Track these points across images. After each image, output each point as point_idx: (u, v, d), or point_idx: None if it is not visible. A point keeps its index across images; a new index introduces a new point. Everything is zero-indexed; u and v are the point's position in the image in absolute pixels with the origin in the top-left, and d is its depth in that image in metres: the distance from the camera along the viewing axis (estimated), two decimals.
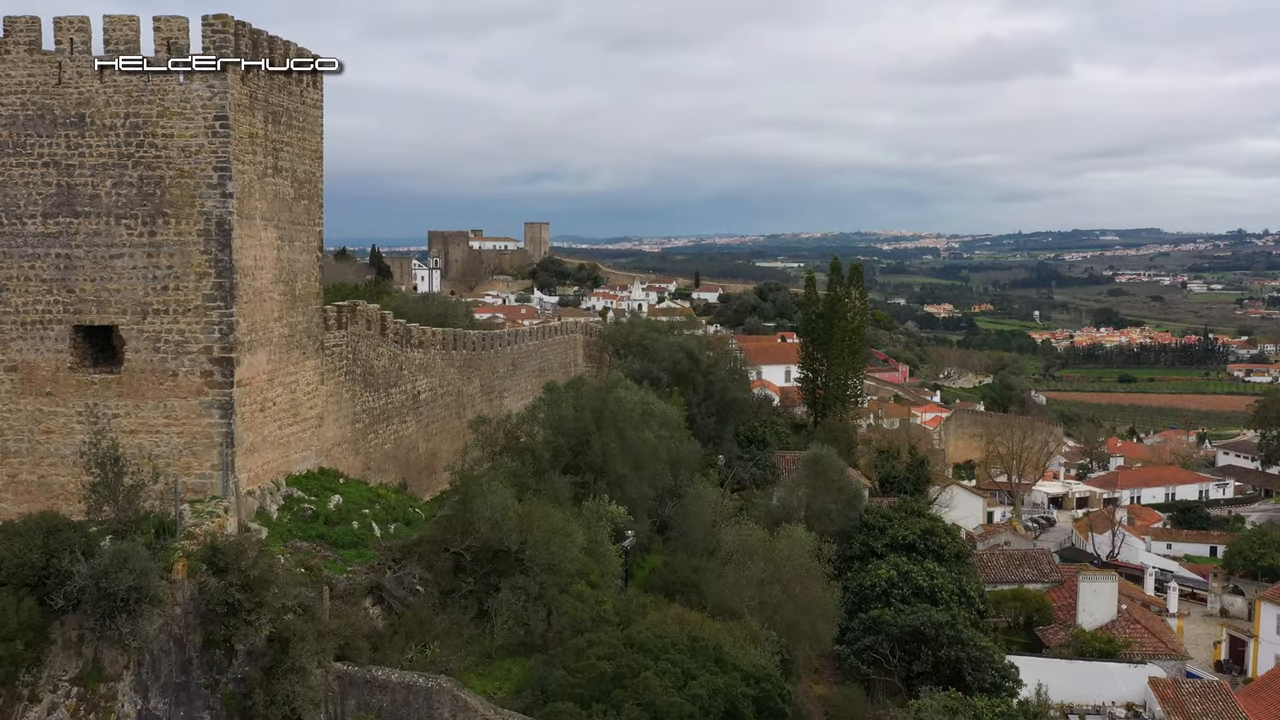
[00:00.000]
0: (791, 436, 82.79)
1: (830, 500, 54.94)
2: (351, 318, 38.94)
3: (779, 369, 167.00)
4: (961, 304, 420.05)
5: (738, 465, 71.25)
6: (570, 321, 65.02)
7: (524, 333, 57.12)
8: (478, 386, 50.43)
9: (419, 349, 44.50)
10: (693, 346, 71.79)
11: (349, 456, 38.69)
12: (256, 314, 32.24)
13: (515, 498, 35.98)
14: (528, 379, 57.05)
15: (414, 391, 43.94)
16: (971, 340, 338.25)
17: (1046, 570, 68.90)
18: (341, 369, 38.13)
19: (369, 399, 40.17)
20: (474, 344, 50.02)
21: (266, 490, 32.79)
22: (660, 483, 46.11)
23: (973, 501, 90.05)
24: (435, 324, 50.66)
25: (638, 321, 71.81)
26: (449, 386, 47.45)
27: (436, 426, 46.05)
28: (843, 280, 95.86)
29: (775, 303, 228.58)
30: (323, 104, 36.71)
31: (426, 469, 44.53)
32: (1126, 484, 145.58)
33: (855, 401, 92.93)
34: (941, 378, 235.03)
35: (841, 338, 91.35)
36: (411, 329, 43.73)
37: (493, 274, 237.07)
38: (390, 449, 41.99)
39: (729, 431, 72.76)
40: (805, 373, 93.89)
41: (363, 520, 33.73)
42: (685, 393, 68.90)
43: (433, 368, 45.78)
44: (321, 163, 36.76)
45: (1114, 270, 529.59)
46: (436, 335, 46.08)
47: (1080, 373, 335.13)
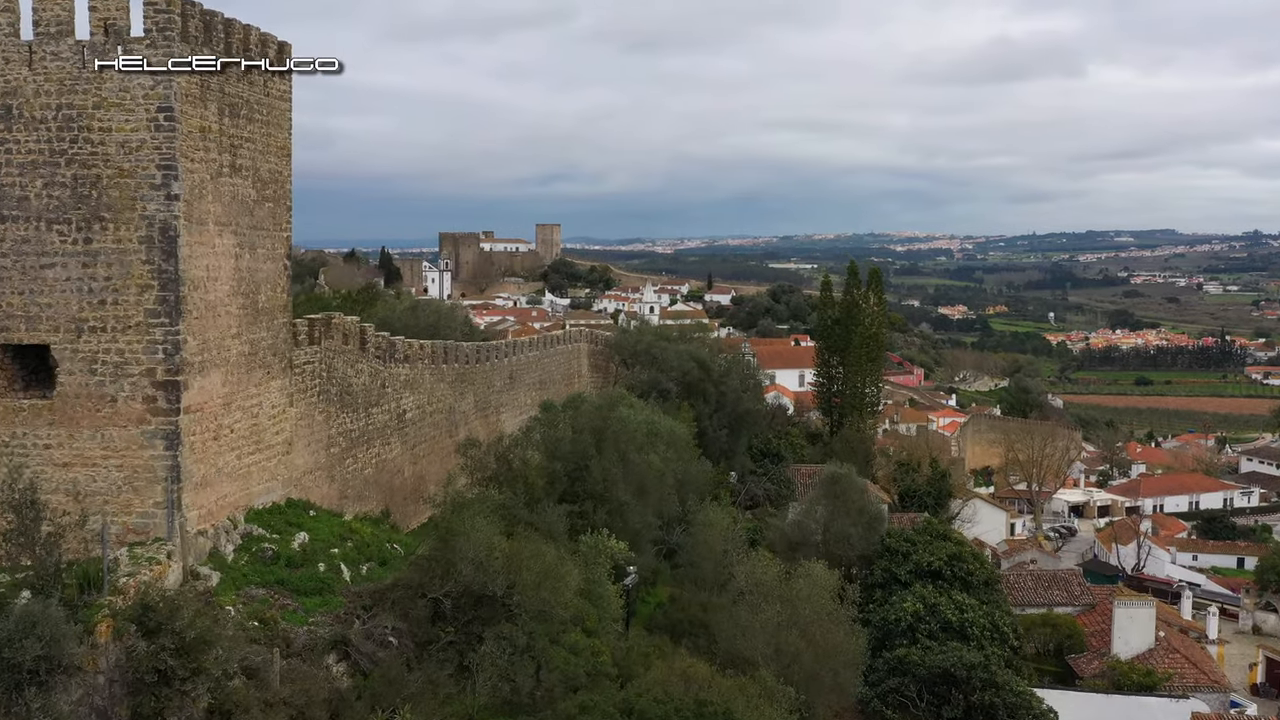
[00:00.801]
0: (807, 448, 78.82)
1: (850, 523, 50.87)
2: (326, 332, 35.08)
3: (792, 373, 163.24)
4: (976, 306, 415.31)
5: (751, 481, 67.35)
6: (574, 330, 61.04)
7: (523, 343, 53.20)
8: (471, 403, 46.56)
9: (404, 364, 40.64)
10: (704, 355, 67.84)
11: (323, 485, 34.86)
12: (209, 330, 28.39)
13: (504, 532, 32.13)
14: (527, 393, 53.17)
15: (399, 410, 40.09)
16: (986, 342, 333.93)
17: (1077, 592, 64.73)
18: (314, 389, 34.30)
19: (346, 420, 36.32)
20: (467, 357, 46.13)
21: (221, 529, 28.94)
22: (667, 508, 42.20)
23: (995, 515, 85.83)
24: (426, 335, 46.79)
25: (645, 329, 67.88)
26: (439, 403, 43.58)
27: (425, 447, 42.20)
28: (860, 284, 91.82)
29: (789, 305, 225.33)
30: (291, 95, 32.86)
31: (413, 494, 40.68)
32: (1149, 492, 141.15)
33: (873, 410, 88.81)
34: (957, 381, 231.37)
35: (859, 344, 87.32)
36: (396, 342, 39.84)
37: (504, 276, 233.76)
38: (371, 474, 38.14)
39: (742, 445, 68.84)
40: (820, 380, 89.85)
41: (330, 561, 29.84)
42: (696, 404, 65.06)
43: (420, 384, 41.92)
44: (289, 161, 32.90)
45: (1129, 271, 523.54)
46: (425, 348, 42.19)
47: (1096, 375, 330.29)
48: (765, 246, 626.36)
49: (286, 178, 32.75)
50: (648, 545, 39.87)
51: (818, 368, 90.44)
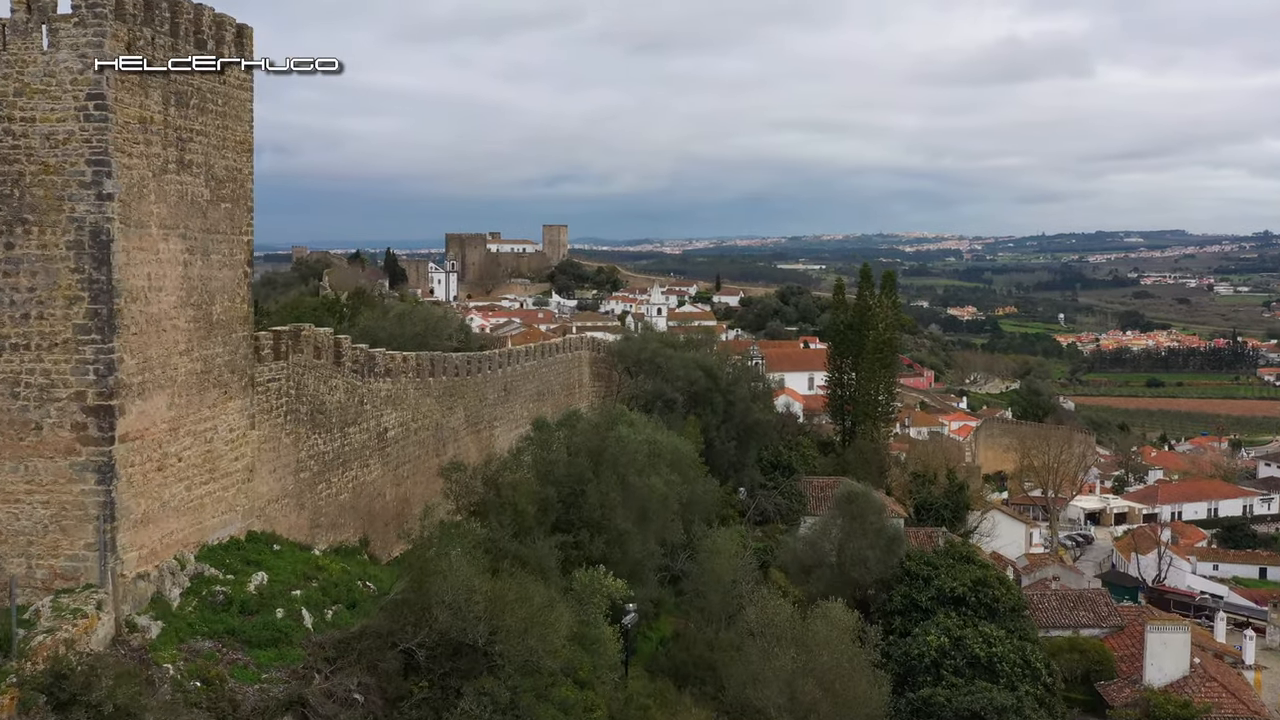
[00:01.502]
0: (818, 458, 75.24)
1: (866, 544, 47.33)
2: (294, 345, 31.61)
3: (801, 376, 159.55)
4: (985, 306, 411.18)
5: (760, 496, 63.84)
6: (575, 337, 57.54)
7: (518, 353, 49.64)
8: (461, 418, 43.06)
9: (386, 378, 37.14)
10: (711, 363, 64.28)
11: (290, 514, 31.42)
12: (151, 347, 24.93)
13: (488, 568, 28.67)
14: (524, 405, 49.66)
15: (379, 429, 36.60)
16: (996, 343, 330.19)
17: (1104, 613, 61.03)
18: (280, 408, 30.85)
19: (318, 442, 32.85)
20: (457, 368, 42.60)
21: (166, 570, 25.48)
22: (671, 535, 38.68)
23: (1014, 528, 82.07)
24: (413, 346, 43.38)
25: (650, 336, 64.35)
26: (425, 420, 40.09)
27: (409, 468, 38.71)
28: (873, 287, 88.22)
29: (798, 306, 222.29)
30: (252, 84, 29.38)
31: (395, 519, 37.20)
32: (1167, 499, 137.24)
33: (886, 417, 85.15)
34: (967, 383, 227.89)
35: (872, 349, 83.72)
36: (376, 355, 36.32)
37: (510, 277, 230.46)
38: (347, 499, 34.67)
39: (751, 457, 65.30)
40: (833, 386, 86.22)
41: (291, 606, 26.35)
42: (703, 415, 61.59)
43: (404, 399, 38.43)
44: (250, 157, 29.41)
45: (1139, 272, 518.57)
46: (409, 361, 38.67)
47: (1107, 377, 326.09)
48: (773, 247, 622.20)
49: (247, 175, 29.26)
50: (650, 576, 36.38)
51: (829, 373, 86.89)
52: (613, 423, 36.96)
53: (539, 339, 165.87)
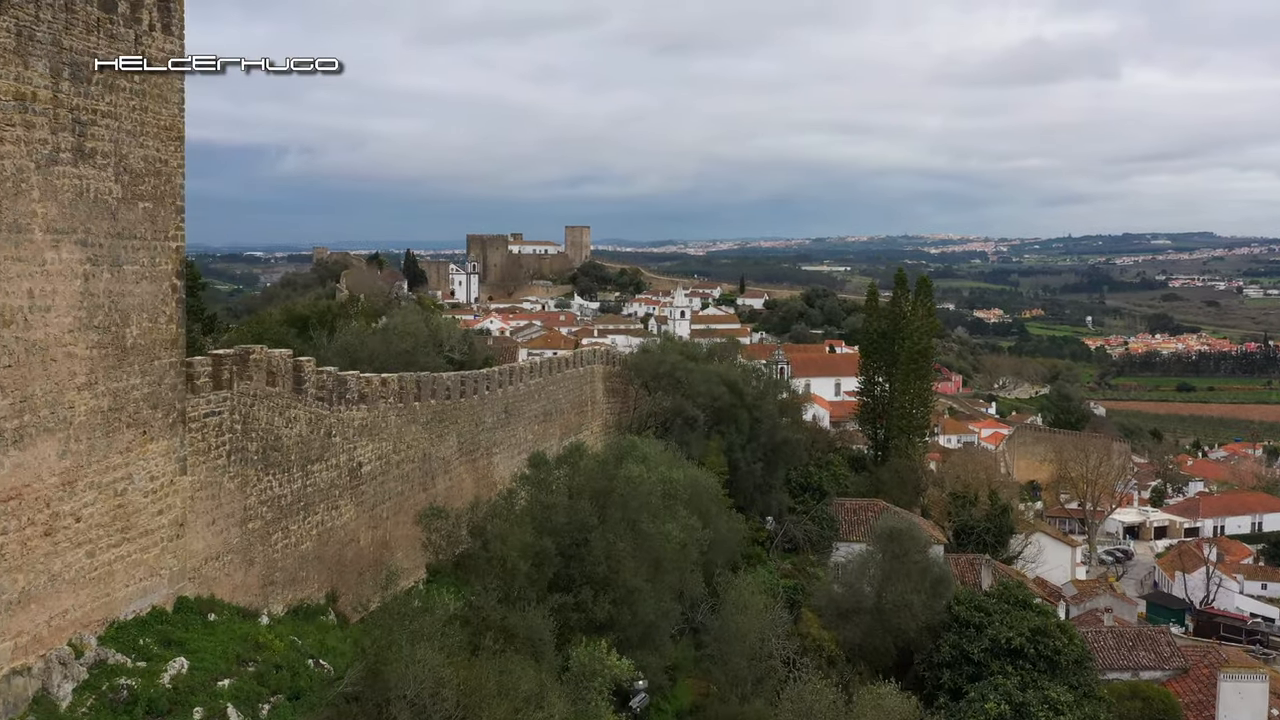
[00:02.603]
0: (850, 477, 69.44)
1: (910, 587, 41.60)
2: (241, 371, 26.19)
3: (828, 382, 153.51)
4: (1011, 309, 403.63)
5: (789, 521, 58.19)
6: (586, 350, 51.97)
7: (521, 369, 44.01)
8: (454, 445, 37.55)
9: (360, 405, 31.72)
10: (736, 377, 58.60)
11: (235, 572, 26.02)
12: (34, 382, 19.57)
13: (467, 645, 23.25)
14: (528, 427, 44.15)
15: (351, 464, 31.17)
16: (1023, 346, 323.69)
17: (1166, 654, 55.09)
18: (222, 447, 25.45)
19: (273, 484, 27.45)
20: (448, 390, 37.11)
21: (56, 660, 20.11)
22: (691, 587, 33.11)
23: (1060, 552, 75.95)
24: (400, 365, 37.92)
25: (670, 347, 58.78)
26: (410, 450, 34.60)
27: (389, 506, 33.26)
28: (907, 293, 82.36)
29: (823, 309, 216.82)
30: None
31: (372, 567, 31.77)
32: (1209, 512, 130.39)
33: (921, 432, 79.20)
34: (996, 388, 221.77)
35: (907, 359, 77.81)
36: (348, 379, 30.85)
37: (532, 279, 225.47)
38: (311, 549, 29.24)
39: (779, 478, 59.62)
40: (865, 398, 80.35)
41: (215, 703, 20.87)
42: (727, 433, 56.03)
43: (383, 428, 32.97)
44: (180, 147, 23.94)
45: (1166, 275, 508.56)
46: (389, 384, 33.19)
47: (1137, 381, 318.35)
48: (798, 248, 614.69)
49: (175, 169, 23.81)
50: (665, 639, 30.79)
51: (861, 384, 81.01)
52: (622, 458, 31.38)
53: (559, 342, 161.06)
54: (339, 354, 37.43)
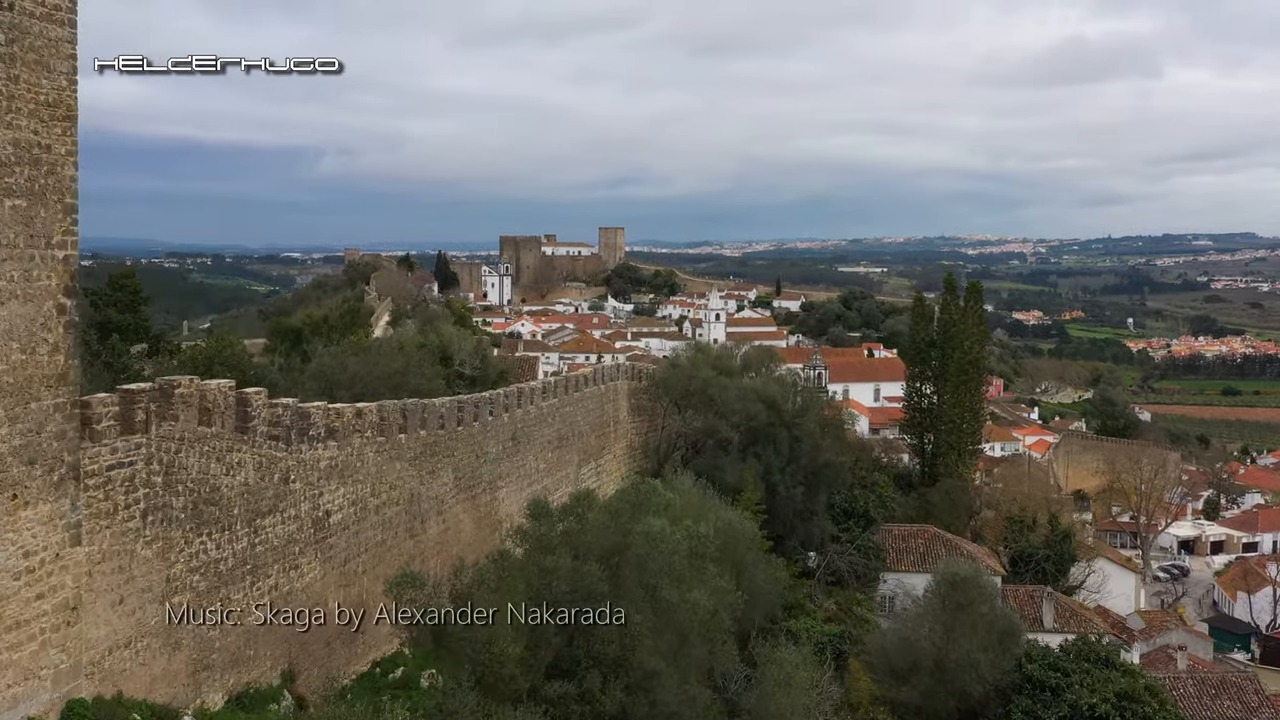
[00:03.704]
0: (898, 499, 63.29)
1: (976, 645, 35.64)
2: (164, 410, 20.80)
3: (867, 387, 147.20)
4: (1051, 311, 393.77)
5: (833, 551, 52.33)
6: (609, 365, 46.29)
7: (533, 390, 38.32)
8: (449, 482, 32.05)
9: (328, 442, 26.26)
10: (774, 393, 52.70)
11: (155, 659, 20.64)
12: None
13: None
14: (540, 455, 38.57)
15: (315, 513, 25.72)
16: (1064, 349, 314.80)
17: (1254, 703, 48.71)
18: (134, 507, 20.08)
19: (207, 545, 22.06)
20: (442, 418, 31.60)
21: None
22: (722, 660, 27.42)
23: (1124, 579, 69.34)
24: (387, 389, 32.38)
25: (700, 361, 52.97)
26: (393, 492, 29.12)
27: (366, 560, 27.80)
28: (957, 298, 76.21)
29: (861, 312, 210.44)
30: (75, 18, 18.55)
31: (343, 634, 26.35)
32: (1268, 526, 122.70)
33: (973, 449, 72.93)
34: (1038, 392, 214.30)
35: (957, 369, 71.63)
36: (310, 411, 25.40)
37: (565, 281, 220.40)
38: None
39: (821, 503, 53.70)
40: (912, 412, 74.21)
41: None
42: (764, 455, 50.30)
43: (358, 468, 27.52)
44: (69, 128, 18.51)
45: (1208, 276, 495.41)
46: (365, 415, 27.69)
47: (1180, 384, 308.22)
48: (834, 249, 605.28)
49: (63, 157, 18.39)
50: None
51: (908, 396, 74.85)
52: (638, 507, 25.67)
53: (591, 346, 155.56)
54: (315, 377, 31.99)
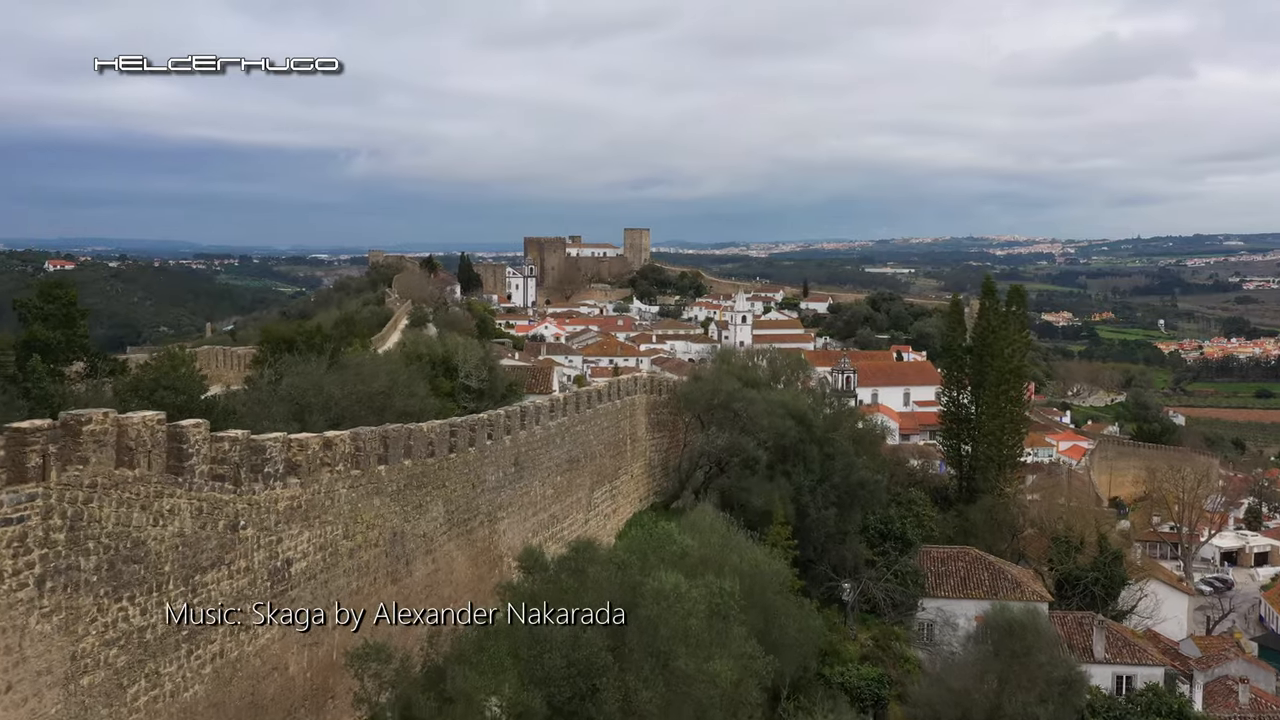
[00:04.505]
0: (935, 517, 58.81)
1: (1034, 698, 31.31)
2: (70, 450, 16.88)
3: (896, 391, 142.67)
4: (1081, 312, 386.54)
5: (867, 577, 48.07)
6: (626, 379, 42.04)
7: (540, 408, 34.09)
8: (440, 516, 28.01)
9: (289, 479, 22.30)
10: (804, 406, 48.50)
11: None
12: None
13: None
14: (547, 480, 34.51)
15: (273, 563, 21.74)
16: (1094, 351, 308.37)
17: None
18: (26, 572, 16.14)
19: (130, 611, 18.12)
20: (430, 445, 27.56)
21: None
22: None
23: (1177, 602, 64.51)
24: (368, 412, 28.32)
25: (726, 370, 48.83)
26: (370, 532, 25.09)
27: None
28: (997, 303, 71.60)
29: (889, 313, 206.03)
30: None
31: (308, 702, 22.37)
32: None
33: (1014, 464, 68.27)
34: (1070, 395, 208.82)
35: (997, 378, 67.03)
36: (266, 445, 21.44)
37: (590, 282, 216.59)
38: (202, 693, 19.86)
39: (854, 524, 49.47)
40: (948, 424, 69.66)
41: None
42: (794, 473, 46.13)
43: (326, 507, 23.51)
44: None
45: (1240, 277, 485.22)
46: (335, 445, 23.60)
47: (1213, 387, 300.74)
48: (861, 250, 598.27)
49: None
50: None
51: (944, 407, 70.30)
52: (649, 557, 21.52)
53: (616, 349, 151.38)
54: (285, 401, 27.99)
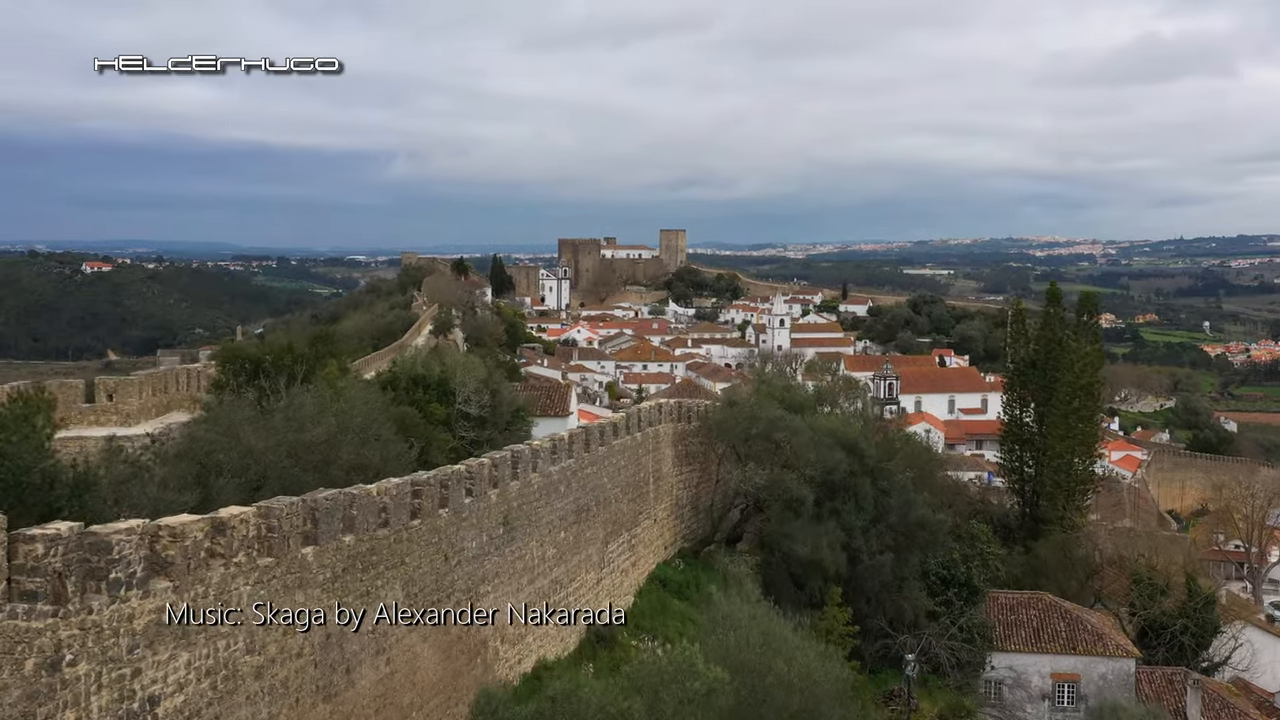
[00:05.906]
0: (999, 554, 51.12)
1: None
2: None
3: (940, 399, 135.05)
4: (1123, 314, 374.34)
5: (929, 634, 40.74)
6: (649, 407, 34.92)
7: (538, 451, 27.03)
8: (398, 601, 21.20)
9: (150, 584, 15.53)
10: (855, 434, 41.28)
11: None
12: None
13: None
14: (548, 539, 27.63)
15: (127, 706, 14.99)
16: (1139, 354, 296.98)
17: None
18: None
19: None
20: (383, 512, 20.63)
21: None
22: None
23: (1272, 647, 56.57)
24: (306, 469, 21.48)
25: (766, 393, 41.67)
26: (289, 640, 18.33)
27: None
28: (1062, 311, 64.06)
29: (930, 316, 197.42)
30: None
31: None
32: None
33: (1085, 491, 60.55)
34: (1118, 401, 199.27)
35: (1066, 396, 59.37)
36: (112, 541, 14.66)
37: (625, 284, 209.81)
38: None
39: (913, 569, 42.25)
40: (1011, 443, 62.04)
41: None
42: (844, 512, 38.98)
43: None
44: None
45: None
46: (231, 529, 16.76)
47: (1261, 390, 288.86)
48: (899, 251, 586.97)
49: None
50: None
51: (1007, 425, 62.63)
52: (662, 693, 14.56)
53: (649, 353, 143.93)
54: (184, 459, 21.10)
